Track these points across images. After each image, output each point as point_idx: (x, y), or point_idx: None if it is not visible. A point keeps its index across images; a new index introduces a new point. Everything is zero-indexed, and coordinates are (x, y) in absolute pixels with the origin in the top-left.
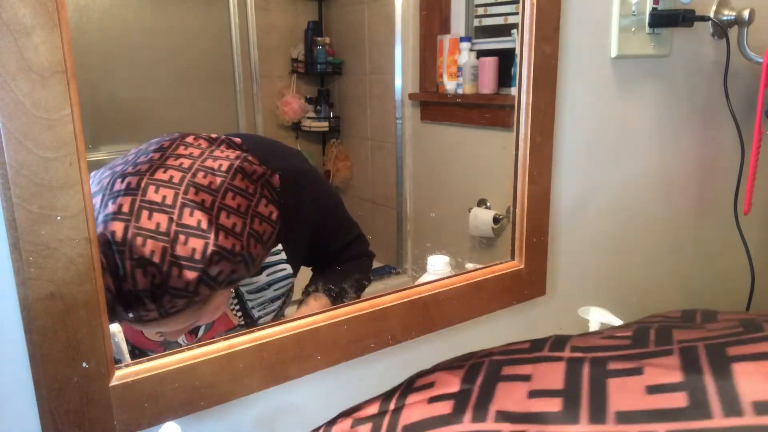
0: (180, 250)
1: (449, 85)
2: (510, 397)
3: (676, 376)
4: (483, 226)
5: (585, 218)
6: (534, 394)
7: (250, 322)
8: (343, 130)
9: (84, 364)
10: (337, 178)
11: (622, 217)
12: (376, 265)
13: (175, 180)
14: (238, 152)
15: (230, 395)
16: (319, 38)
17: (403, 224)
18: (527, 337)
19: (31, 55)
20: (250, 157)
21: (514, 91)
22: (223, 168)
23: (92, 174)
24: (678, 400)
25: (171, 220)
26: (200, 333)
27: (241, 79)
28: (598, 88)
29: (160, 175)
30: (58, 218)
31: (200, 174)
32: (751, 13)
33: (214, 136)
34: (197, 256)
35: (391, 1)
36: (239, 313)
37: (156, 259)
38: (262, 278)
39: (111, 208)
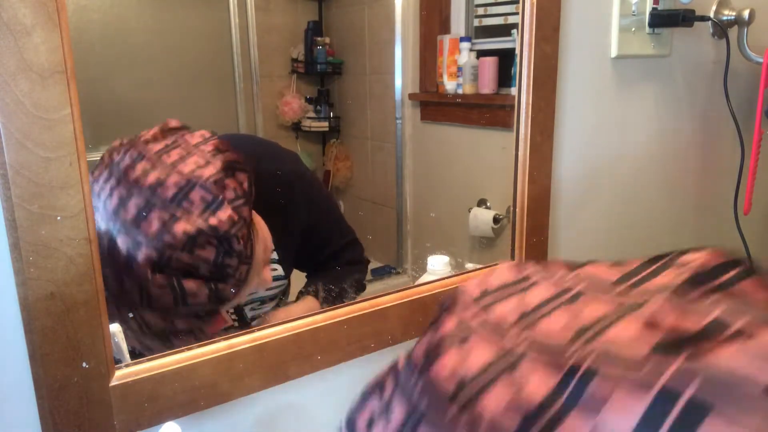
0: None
1: (449, 85)
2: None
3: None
4: (483, 226)
5: (585, 218)
6: None
7: (243, 323)
8: (343, 130)
9: (84, 364)
10: (337, 178)
11: (622, 217)
12: (376, 265)
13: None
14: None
15: (230, 395)
16: (319, 38)
17: (403, 224)
18: None
19: (31, 55)
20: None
21: (514, 91)
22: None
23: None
24: None
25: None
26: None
27: (241, 79)
28: (598, 88)
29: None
30: (58, 218)
31: (195, 158)
32: (751, 13)
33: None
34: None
35: (391, 1)
36: (232, 311)
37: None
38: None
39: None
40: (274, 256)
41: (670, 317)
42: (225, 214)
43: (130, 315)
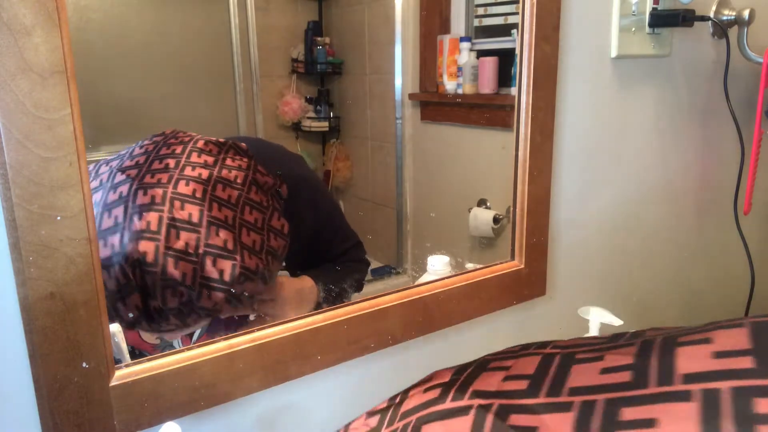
0: (209, 272)
1: (449, 85)
2: (487, 381)
3: (628, 360)
4: (483, 226)
5: (585, 218)
6: (508, 378)
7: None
8: (343, 130)
9: (84, 364)
10: (337, 178)
11: (623, 217)
12: (376, 265)
13: (198, 195)
14: (246, 160)
15: (230, 395)
16: (319, 38)
17: (403, 224)
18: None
19: (31, 55)
20: (259, 167)
21: (514, 91)
22: (239, 180)
23: (95, 166)
24: (624, 376)
25: (199, 240)
26: (195, 336)
27: (241, 79)
28: (598, 88)
29: (182, 188)
30: (58, 218)
31: (219, 187)
32: (751, 13)
33: (221, 140)
34: (226, 277)
35: (391, 1)
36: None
37: (188, 281)
38: None
39: (138, 224)
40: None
41: None
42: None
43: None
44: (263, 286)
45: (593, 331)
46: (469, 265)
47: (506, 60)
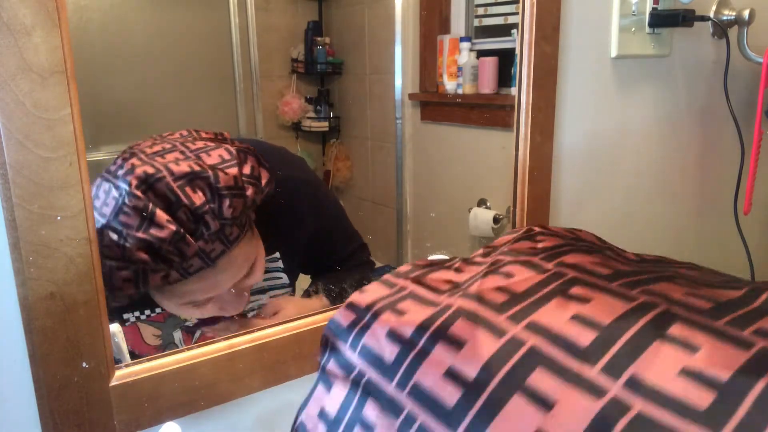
0: (209, 160)
1: (449, 85)
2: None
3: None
4: (483, 226)
5: (585, 218)
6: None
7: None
8: (343, 130)
9: (84, 364)
10: (337, 178)
11: (622, 217)
12: (376, 265)
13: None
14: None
15: (230, 395)
16: (319, 38)
17: (403, 224)
18: None
19: (31, 55)
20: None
21: (514, 91)
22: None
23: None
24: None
25: (185, 153)
26: (196, 335)
27: (241, 79)
28: (598, 88)
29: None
30: (58, 218)
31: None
32: (751, 13)
33: (227, 134)
34: (226, 156)
35: (391, 1)
36: (236, 316)
37: (196, 168)
38: (259, 283)
39: (126, 172)
40: (279, 264)
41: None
42: (231, 173)
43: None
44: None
45: None
46: None
47: (506, 60)
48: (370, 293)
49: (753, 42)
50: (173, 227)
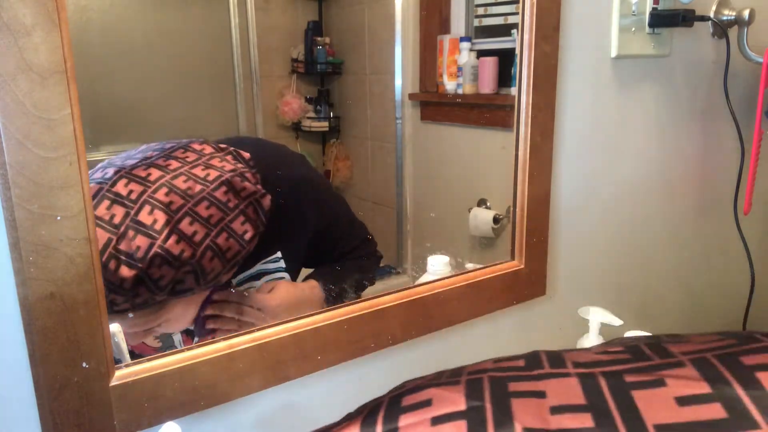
0: (124, 245)
1: (449, 85)
2: (530, 413)
3: (702, 387)
4: (483, 226)
5: (585, 218)
6: (556, 410)
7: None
8: (343, 130)
9: (84, 364)
10: (337, 178)
11: (622, 217)
12: (381, 259)
13: (151, 178)
14: (238, 165)
15: (230, 395)
16: (319, 38)
17: (403, 224)
18: (527, 337)
19: (31, 55)
20: (248, 174)
21: (514, 91)
22: (210, 178)
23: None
24: (715, 411)
25: (127, 214)
26: (197, 339)
27: (241, 79)
28: (598, 88)
29: (139, 171)
30: (58, 218)
31: (182, 178)
32: (751, 13)
33: (223, 146)
34: (139, 254)
35: (391, 1)
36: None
37: (100, 247)
38: (260, 284)
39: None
40: (281, 264)
41: None
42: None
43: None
44: (193, 280)
45: (593, 331)
46: (469, 265)
47: (506, 60)
48: None
49: (753, 42)
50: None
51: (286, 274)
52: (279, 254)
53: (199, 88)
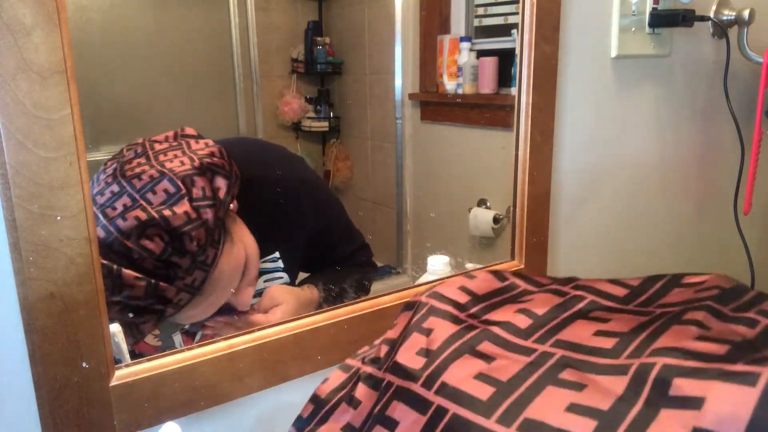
0: (155, 198)
1: (449, 85)
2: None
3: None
4: (483, 226)
5: (585, 218)
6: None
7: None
8: (343, 130)
9: (84, 364)
10: (337, 178)
11: (622, 218)
12: (377, 267)
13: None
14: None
15: (230, 395)
16: (319, 38)
17: (403, 224)
18: None
19: (31, 55)
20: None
21: (514, 91)
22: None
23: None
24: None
25: (132, 196)
26: (197, 339)
27: (241, 79)
28: (598, 88)
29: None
30: (58, 218)
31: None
32: (751, 13)
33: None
34: (172, 190)
35: (391, 1)
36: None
37: (142, 217)
38: (259, 284)
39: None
40: (279, 264)
41: (715, 328)
42: (181, 209)
43: None
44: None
45: None
46: (469, 265)
47: (506, 60)
48: (331, 382)
49: (753, 42)
50: (143, 283)
51: (284, 274)
52: (277, 254)
53: (199, 88)
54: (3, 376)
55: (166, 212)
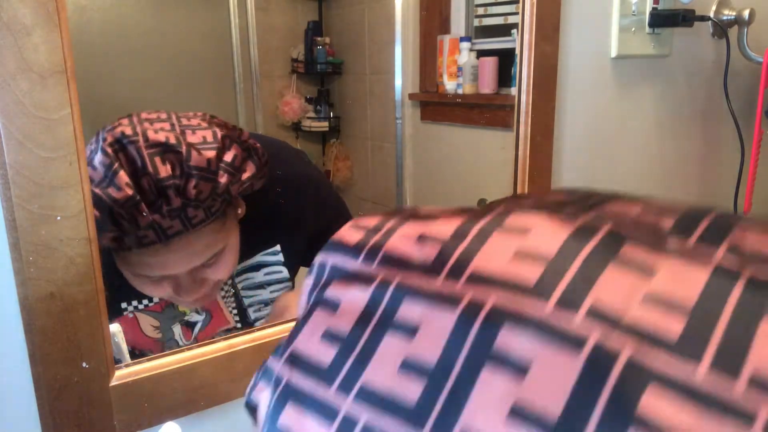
0: (191, 138)
1: (449, 85)
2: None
3: None
4: None
5: None
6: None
7: (247, 324)
8: (343, 130)
9: (84, 364)
10: (337, 178)
11: None
12: None
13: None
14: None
15: (230, 395)
16: (319, 38)
17: None
18: None
19: (31, 55)
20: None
21: (514, 91)
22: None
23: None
24: None
25: (173, 125)
26: (196, 330)
27: (241, 79)
28: (598, 88)
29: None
30: (58, 218)
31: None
32: (751, 13)
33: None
34: (210, 138)
35: (391, 1)
36: (235, 311)
37: (172, 140)
38: (259, 276)
39: (109, 129)
40: (279, 258)
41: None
42: (207, 156)
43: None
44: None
45: None
46: None
47: (506, 60)
48: (372, 218)
49: (753, 42)
50: (130, 192)
51: (284, 269)
52: (278, 247)
53: (199, 88)
54: (3, 376)
55: (194, 150)
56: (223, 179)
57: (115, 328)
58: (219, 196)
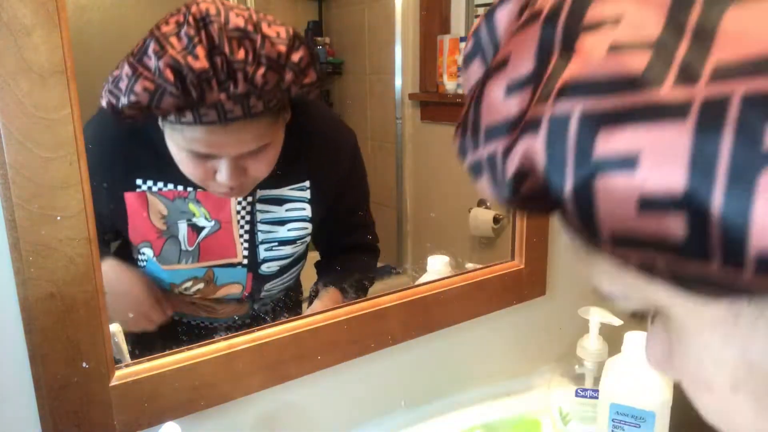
0: (266, 30)
1: (449, 85)
2: None
3: None
4: (483, 226)
5: None
6: None
7: (253, 264)
8: None
9: (84, 364)
10: None
11: None
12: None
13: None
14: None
15: (230, 395)
16: (319, 38)
17: (403, 224)
18: (526, 337)
19: (31, 55)
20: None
21: None
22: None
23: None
24: None
25: (251, 15)
26: (201, 236)
27: None
28: None
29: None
30: (58, 218)
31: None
32: None
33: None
34: (283, 35)
35: (391, 1)
36: (246, 245)
37: (250, 27)
38: (281, 211)
39: (194, 3)
40: (307, 195)
41: None
42: (282, 48)
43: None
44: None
45: (593, 331)
46: (469, 265)
47: None
48: None
49: None
50: (206, 65)
51: (307, 206)
52: (308, 183)
53: None
54: (3, 376)
55: (268, 41)
56: (289, 75)
57: (115, 328)
58: (280, 92)
